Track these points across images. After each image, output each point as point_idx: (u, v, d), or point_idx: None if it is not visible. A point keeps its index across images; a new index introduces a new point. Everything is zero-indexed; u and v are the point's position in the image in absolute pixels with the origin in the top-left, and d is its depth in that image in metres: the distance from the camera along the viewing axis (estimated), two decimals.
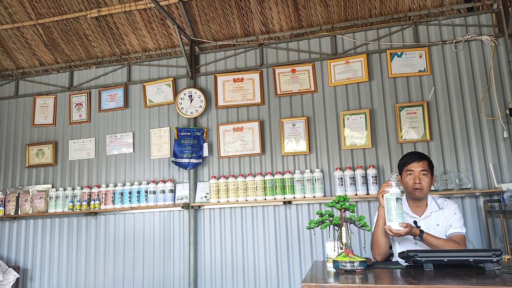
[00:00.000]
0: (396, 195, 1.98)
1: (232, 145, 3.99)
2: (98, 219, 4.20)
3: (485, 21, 3.68)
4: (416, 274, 1.68)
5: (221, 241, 3.89)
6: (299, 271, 3.68)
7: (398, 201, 1.98)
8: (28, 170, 4.49)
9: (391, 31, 3.87)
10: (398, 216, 1.96)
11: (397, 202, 1.98)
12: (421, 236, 2.05)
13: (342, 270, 1.70)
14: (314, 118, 3.90)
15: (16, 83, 4.76)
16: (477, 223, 3.40)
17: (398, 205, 1.98)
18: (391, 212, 1.98)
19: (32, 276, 4.24)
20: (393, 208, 1.97)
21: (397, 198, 1.98)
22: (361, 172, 3.56)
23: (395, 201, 1.97)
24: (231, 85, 4.11)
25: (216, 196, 3.82)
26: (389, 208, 1.99)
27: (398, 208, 1.97)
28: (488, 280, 1.51)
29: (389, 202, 1.99)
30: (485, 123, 3.53)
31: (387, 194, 2.01)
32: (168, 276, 3.93)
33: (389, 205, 1.99)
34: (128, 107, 4.38)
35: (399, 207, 1.98)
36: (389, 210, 1.99)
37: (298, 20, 4.01)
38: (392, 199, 1.98)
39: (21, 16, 4.28)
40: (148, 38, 4.32)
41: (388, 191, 2.01)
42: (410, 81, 3.75)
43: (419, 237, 2.05)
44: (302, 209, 3.78)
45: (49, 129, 4.55)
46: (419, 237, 2.05)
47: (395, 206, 1.97)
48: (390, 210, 1.98)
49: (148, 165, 4.20)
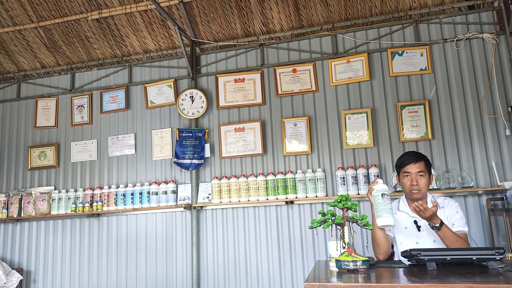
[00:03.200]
0: (381, 191, 1.96)
1: (234, 146, 4.00)
2: (101, 221, 4.21)
3: (486, 19, 3.67)
4: (419, 273, 1.68)
5: (224, 242, 3.89)
6: (301, 271, 3.67)
7: (384, 197, 1.95)
8: (31, 172, 4.50)
9: (392, 30, 3.86)
10: (385, 212, 1.93)
11: (383, 198, 1.95)
12: (441, 225, 2.03)
13: (345, 269, 1.70)
14: (315, 118, 3.90)
15: (18, 85, 4.78)
16: (480, 222, 3.39)
17: (385, 201, 1.95)
18: (378, 208, 1.95)
19: (35, 278, 4.25)
20: (380, 204, 1.95)
21: (382, 194, 1.95)
22: (363, 171, 3.55)
23: (381, 197, 1.95)
24: (232, 85, 4.12)
25: (218, 196, 3.82)
26: (376, 204, 1.97)
27: (385, 204, 1.94)
28: (491, 278, 1.50)
29: (375, 199, 1.98)
30: (487, 121, 3.52)
31: (374, 192, 2.00)
32: (171, 277, 3.93)
33: (376, 202, 1.97)
34: (130, 108, 4.38)
35: (385, 202, 1.95)
36: (376, 206, 1.97)
37: (299, 19, 4.01)
38: (378, 196, 1.96)
39: (22, 19, 4.29)
40: (149, 39, 4.33)
41: (374, 189, 2.00)
42: (412, 79, 3.74)
43: (439, 226, 2.03)
44: (304, 209, 3.78)
45: (51, 131, 4.56)
46: (440, 225, 2.03)
47: (381, 202, 1.95)
48: (377, 206, 1.96)
49: (150, 166, 4.21)
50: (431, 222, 2.05)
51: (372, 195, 2.02)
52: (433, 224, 2.04)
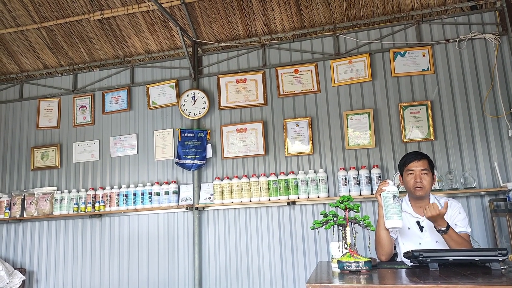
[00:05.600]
0: (392, 193, 1.97)
1: (236, 146, 4.00)
2: (103, 221, 4.21)
3: (488, 19, 3.66)
4: (422, 274, 1.67)
5: (226, 242, 3.89)
6: (303, 271, 3.67)
7: (395, 199, 1.96)
8: (33, 172, 4.52)
9: (394, 30, 3.86)
10: (396, 214, 1.94)
11: (394, 200, 1.96)
12: (447, 229, 2.03)
13: (347, 270, 1.70)
14: (317, 118, 3.90)
15: (20, 86, 4.79)
16: (482, 223, 3.38)
17: (396, 203, 1.96)
18: (389, 210, 1.96)
19: (38, 278, 4.26)
20: (391, 206, 1.96)
21: (393, 196, 1.96)
22: (365, 172, 3.55)
23: (392, 199, 1.96)
24: (234, 86, 4.12)
25: (220, 197, 3.82)
26: (386, 206, 1.98)
27: (396, 206, 1.96)
28: (494, 279, 1.50)
29: (386, 200, 1.98)
30: (489, 121, 3.51)
31: (384, 193, 2.00)
32: (173, 277, 3.93)
33: (387, 203, 1.98)
34: (132, 109, 4.39)
35: (396, 204, 1.96)
36: (387, 208, 1.98)
37: (301, 20, 4.01)
38: (389, 197, 1.97)
39: (25, 20, 4.30)
40: (151, 40, 4.34)
41: (385, 190, 2.00)
42: (414, 80, 3.73)
43: (445, 229, 2.02)
44: (306, 209, 3.78)
45: (54, 131, 4.57)
46: (446, 229, 2.02)
47: (392, 204, 1.96)
48: (388, 208, 1.97)
49: (152, 166, 4.21)
50: (437, 225, 2.04)
51: (382, 196, 2.02)
52: (439, 227, 2.03)
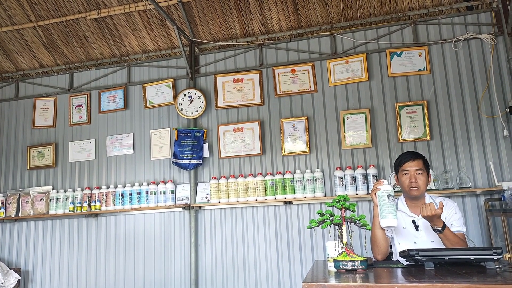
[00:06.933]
0: (387, 192, 1.98)
1: (232, 146, 4.00)
2: (99, 221, 4.20)
3: (484, 20, 3.68)
4: (417, 273, 1.68)
5: (222, 242, 3.89)
6: (300, 271, 3.68)
7: (390, 198, 1.97)
8: (29, 172, 4.49)
9: (391, 31, 3.87)
10: (390, 213, 1.95)
11: (389, 199, 1.97)
12: (443, 228, 2.03)
13: (343, 269, 1.70)
14: (314, 118, 3.90)
15: (16, 85, 4.77)
16: (477, 222, 3.39)
17: (390, 202, 1.97)
18: (384, 209, 1.97)
19: (33, 278, 4.25)
20: (385, 205, 1.97)
21: (388, 195, 1.97)
22: (361, 172, 3.56)
23: (387, 198, 1.97)
24: (231, 85, 4.12)
25: (216, 196, 3.82)
26: (381, 205, 1.99)
27: (391, 205, 1.96)
28: (489, 278, 1.51)
29: (381, 199, 1.99)
30: (485, 121, 3.53)
31: (379, 192, 2.02)
32: (169, 276, 3.93)
33: (381, 202, 1.99)
34: (128, 108, 4.38)
35: (391, 203, 1.97)
36: (382, 207, 1.99)
37: (298, 20, 4.02)
38: (384, 196, 1.98)
39: (20, 18, 4.28)
40: (148, 39, 4.33)
41: (380, 189, 2.01)
42: (410, 80, 3.75)
43: (441, 229, 2.03)
44: (302, 209, 3.78)
45: (50, 130, 4.55)
46: (442, 228, 2.03)
47: (387, 203, 1.97)
48: (383, 207, 1.98)
49: (148, 166, 4.20)
50: (433, 224, 2.04)
51: (377, 195, 2.03)
52: (435, 226, 2.04)
